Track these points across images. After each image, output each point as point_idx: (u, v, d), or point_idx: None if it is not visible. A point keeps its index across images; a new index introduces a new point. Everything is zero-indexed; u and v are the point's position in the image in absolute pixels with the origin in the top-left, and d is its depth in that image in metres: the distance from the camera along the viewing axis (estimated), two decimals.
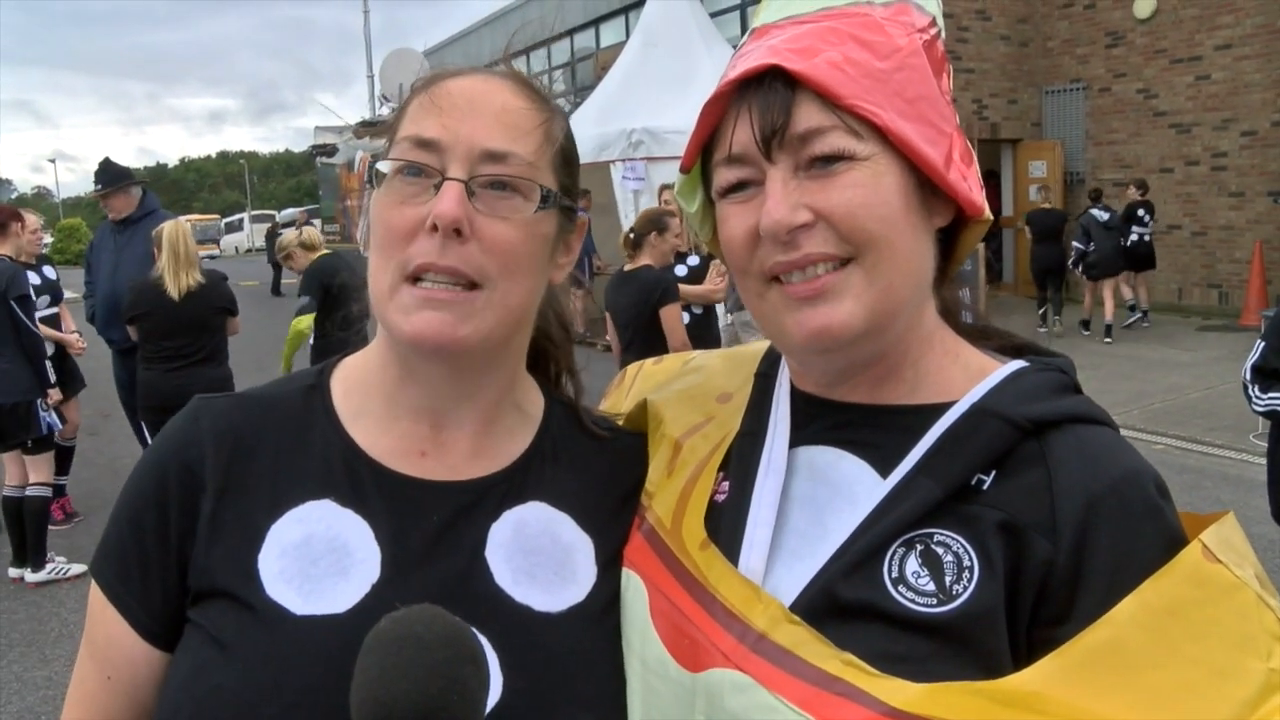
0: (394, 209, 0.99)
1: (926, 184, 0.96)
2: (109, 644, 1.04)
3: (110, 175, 7.12)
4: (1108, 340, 12.63)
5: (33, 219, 7.03)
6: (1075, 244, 13.18)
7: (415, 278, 0.98)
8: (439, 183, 0.98)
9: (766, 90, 0.93)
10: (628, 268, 6.18)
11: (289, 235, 7.12)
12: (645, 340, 5.76)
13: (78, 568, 6.14)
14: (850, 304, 0.93)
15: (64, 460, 7.31)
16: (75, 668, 1.09)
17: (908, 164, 0.94)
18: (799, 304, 0.94)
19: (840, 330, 0.93)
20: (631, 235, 6.19)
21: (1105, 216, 12.94)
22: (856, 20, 0.96)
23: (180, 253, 6.00)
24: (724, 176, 0.99)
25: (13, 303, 5.88)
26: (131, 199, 7.14)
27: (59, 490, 7.27)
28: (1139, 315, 13.55)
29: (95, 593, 1.05)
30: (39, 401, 5.98)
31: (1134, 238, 13.12)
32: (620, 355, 6.17)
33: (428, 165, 0.99)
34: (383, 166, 1.02)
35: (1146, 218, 13.20)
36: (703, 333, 6.64)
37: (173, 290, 5.95)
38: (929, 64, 0.97)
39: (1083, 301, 13.63)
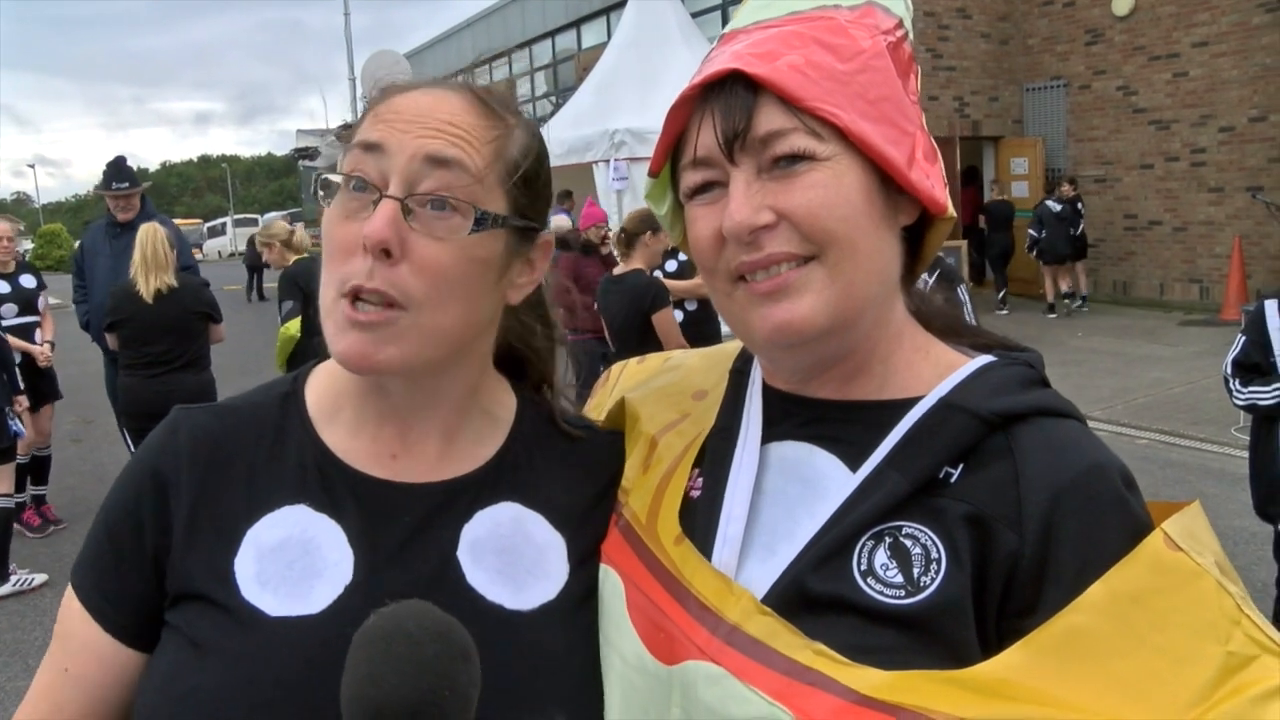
0: (338, 224, 1.00)
1: (890, 183, 0.97)
2: (69, 636, 1.06)
3: (132, 174, 7.01)
4: (1051, 316, 14.28)
5: (2, 226, 6.88)
6: (1030, 231, 14.33)
7: (353, 296, 0.97)
8: (378, 199, 0.97)
9: (729, 94, 0.95)
10: (618, 271, 6.14)
11: (280, 224, 6.90)
12: (640, 345, 5.71)
13: (41, 577, 6.03)
14: (811, 300, 0.94)
15: (42, 469, 7.24)
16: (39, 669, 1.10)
17: (870, 164, 0.95)
18: (761, 300, 0.96)
19: (801, 325, 0.95)
20: (623, 235, 6.10)
21: (1058, 208, 14.10)
22: (821, 24, 0.98)
23: (149, 255, 5.89)
24: (690, 179, 1.00)
25: None
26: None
27: (39, 499, 7.23)
28: (1079, 303, 14.66)
29: (69, 594, 1.07)
30: (5, 410, 5.82)
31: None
32: (617, 358, 6.12)
33: (370, 181, 0.98)
34: (333, 177, 1.02)
35: (1082, 210, 14.45)
36: (701, 328, 6.55)
37: (144, 293, 5.86)
38: (894, 65, 0.98)
39: (1042, 290, 14.78)
